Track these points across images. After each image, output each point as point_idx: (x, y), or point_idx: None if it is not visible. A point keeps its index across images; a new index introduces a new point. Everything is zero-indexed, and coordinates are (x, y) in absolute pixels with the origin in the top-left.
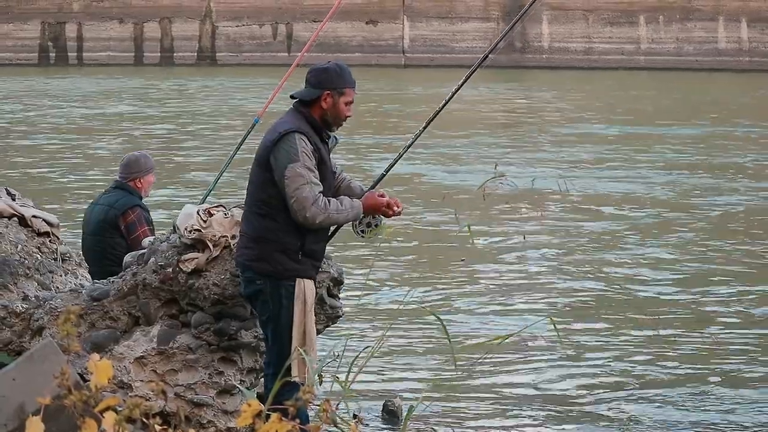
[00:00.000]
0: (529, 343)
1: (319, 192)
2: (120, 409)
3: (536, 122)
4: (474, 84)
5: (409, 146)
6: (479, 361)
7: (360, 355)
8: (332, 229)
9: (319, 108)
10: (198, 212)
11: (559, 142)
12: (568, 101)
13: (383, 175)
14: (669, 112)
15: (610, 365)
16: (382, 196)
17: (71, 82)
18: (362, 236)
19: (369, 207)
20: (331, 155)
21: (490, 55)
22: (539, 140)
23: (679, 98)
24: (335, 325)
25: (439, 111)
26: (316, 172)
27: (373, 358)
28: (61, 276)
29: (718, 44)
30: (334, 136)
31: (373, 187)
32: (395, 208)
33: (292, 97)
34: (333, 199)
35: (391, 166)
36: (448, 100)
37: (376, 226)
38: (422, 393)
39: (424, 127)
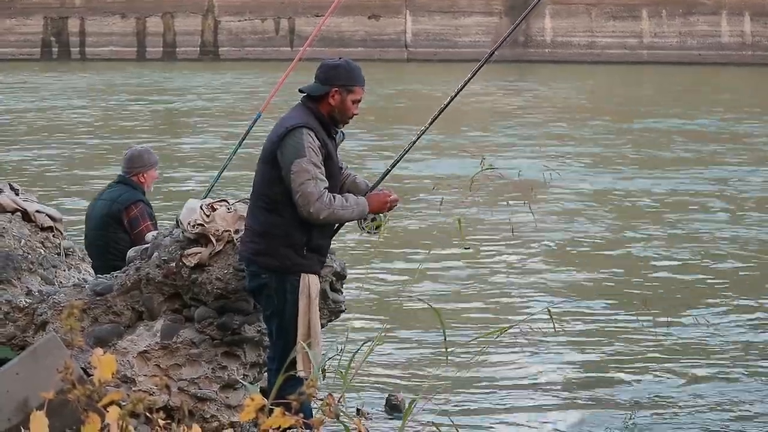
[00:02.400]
0: (528, 335)
1: (325, 188)
2: (123, 403)
3: (534, 116)
4: (476, 79)
5: (414, 143)
6: (479, 353)
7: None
8: (337, 224)
9: (326, 104)
10: (201, 207)
11: (556, 136)
12: (568, 95)
13: (387, 172)
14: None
15: (609, 356)
16: (387, 194)
17: (73, 77)
18: (368, 232)
19: (376, 207)
20: (337, 151)
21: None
22: (536, 134)
23: (681, 91)
24: (337, 319)
25: (444, 108)
26: (323, 168)
27: (375, 353)
28: (64, 271)
29: (722, 38)
30: (341, 132)
31: (377, 184)
32: (393, 197)
33: (300, 91)
34: (338, 196)
35: (396, 162)
36: (453, 97)
37: (381, 221)
38: (424, 386)
39: (429, 124)
